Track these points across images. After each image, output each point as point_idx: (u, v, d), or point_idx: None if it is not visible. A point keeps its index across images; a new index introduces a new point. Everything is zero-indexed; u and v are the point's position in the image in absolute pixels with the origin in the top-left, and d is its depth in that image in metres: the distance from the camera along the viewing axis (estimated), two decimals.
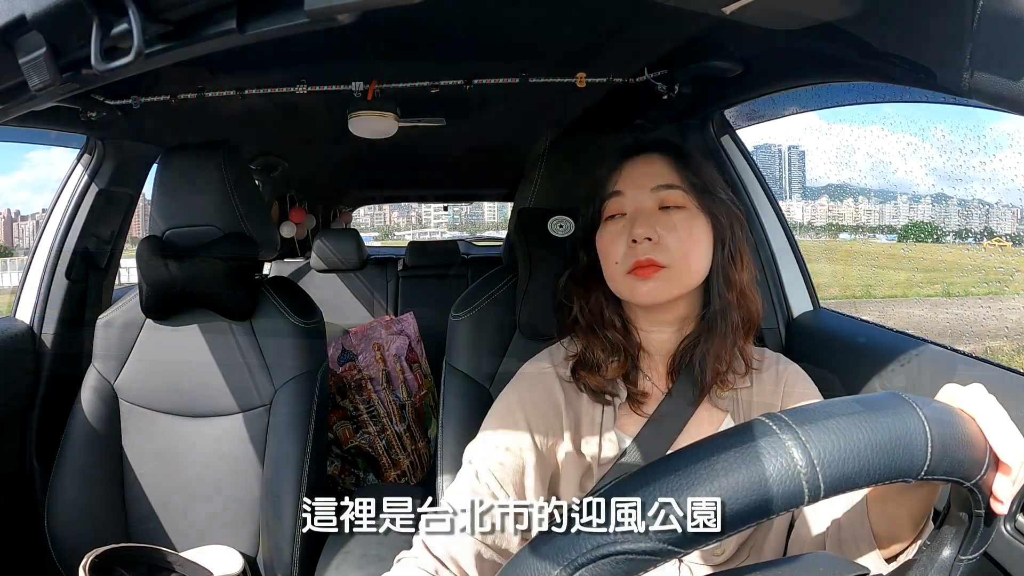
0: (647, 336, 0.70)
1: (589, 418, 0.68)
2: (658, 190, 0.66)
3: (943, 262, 2.89)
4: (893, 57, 0.62)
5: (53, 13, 0.31)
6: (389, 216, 18.69)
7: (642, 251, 0.64)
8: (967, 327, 1.48)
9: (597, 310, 0.70)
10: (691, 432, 0.66)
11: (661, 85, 1.07)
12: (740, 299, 0.67)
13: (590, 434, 0.67)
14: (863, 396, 0.34)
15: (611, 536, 0.29)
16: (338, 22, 0.30)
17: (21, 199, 17.82)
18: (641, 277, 0.64)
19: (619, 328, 0.69)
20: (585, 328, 0.70)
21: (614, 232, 0.67)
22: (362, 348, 1.74)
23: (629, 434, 0.66)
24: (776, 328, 1.17)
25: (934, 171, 2.17)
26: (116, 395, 1.11)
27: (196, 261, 1.04)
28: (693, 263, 0.65)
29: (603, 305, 0.70)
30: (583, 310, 0.71)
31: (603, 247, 0.69)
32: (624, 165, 0.70)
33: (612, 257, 0.67)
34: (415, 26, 0.95)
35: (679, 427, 0.66)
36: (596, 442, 0.66)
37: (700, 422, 0.67)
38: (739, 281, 0.67)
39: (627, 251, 0.65)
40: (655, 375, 0.70)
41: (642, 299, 0.65)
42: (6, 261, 5.82)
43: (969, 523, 0.37)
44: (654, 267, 0.64)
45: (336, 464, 1.65)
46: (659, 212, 0.66)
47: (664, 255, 0.64)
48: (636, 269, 0.64)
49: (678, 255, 0.64)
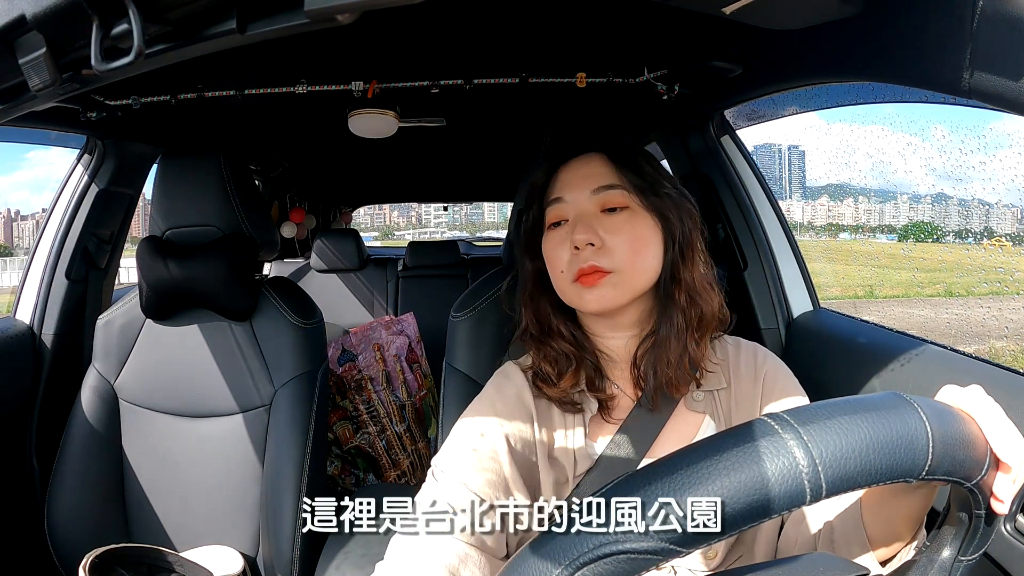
0: (606, 342, 0.67)
1: (561, 428, 0.65)
2: (598, 192, 0.63)
3: (943, 262, 2.89)
4: (893, 57, 0.62)
5: (53, 13, 0.31)
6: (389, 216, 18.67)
7: (584, 257, 0.61)
8: (969, 327, 1.48)
9: (545, 320, 0.67)
10: (669, 437, 0.63)
11: (661, 85, 1.07)
12: (691, 297, 0.64)
13: (562, 444, 0.64)
14: (864, 396, 0.34)
15: (612, 536, 0.29)
16: (338, 22, 0.30)
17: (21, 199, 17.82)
18: (587, 285, 0.61)
19: (567, 337, 0.66)
20: (535, 339, 0.67)
21: (557, 239, 0.64)
22: (362, 348, 1.74)
23: (602, 442, 0.64)
24: (776, 328, 1.17)
25: (934, 171, 2.17)
26: (116, 395, 1.11)
27: (196, 261, 1.04)
28: (640, 265, 0.62)
29: (550, 314, 0.67)
30: (531, 321, 0.68)
31: (548, 255, 0.66)
32: (560, 168, 0.67)
33: (557, 265, 0.64)
34: (415, 26, 0.95)
35: (653, 433, 0.63)
36: (569, 453, 0.63)
37: (677, 426, 0.64)
38: (689, 279, 0.64)
39: (571, 258, 0.62)
40: (622, 382, 0.67)
41: (590, 307, 0.62)
42: (6, 261, 5.82)
43: (969, 523, 0.37)
44: (599, 273, 0.61)
45: (336, 464, 1.65)
46: (601, 215, 0.63)
47: (608, 260, 0.61)
48: (581, 277, 0.61)
49: (624, 259, 0.61)
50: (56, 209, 1.33)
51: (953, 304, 2.40)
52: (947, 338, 0.99)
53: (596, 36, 1.01)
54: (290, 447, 1.04)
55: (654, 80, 1.08)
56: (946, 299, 2.57)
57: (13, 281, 1.90)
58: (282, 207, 2.68)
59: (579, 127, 1.21)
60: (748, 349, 0.69)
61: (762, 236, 1.20)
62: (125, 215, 1.41)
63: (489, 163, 2.39)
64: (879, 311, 2.97)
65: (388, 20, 0.89)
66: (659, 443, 0.63)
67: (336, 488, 1.63)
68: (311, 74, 1.13)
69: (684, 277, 0.64)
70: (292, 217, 2.69)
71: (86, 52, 0.31)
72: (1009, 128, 0.98)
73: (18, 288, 1.32)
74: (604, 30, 0.98)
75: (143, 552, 0.96)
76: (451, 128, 1.48)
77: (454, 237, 4.90)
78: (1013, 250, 2.02)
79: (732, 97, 1.09)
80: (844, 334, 1.05)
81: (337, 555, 0.82)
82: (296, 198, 2.79)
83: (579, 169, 0.66)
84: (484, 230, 11.43)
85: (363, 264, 2.56)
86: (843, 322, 1.11)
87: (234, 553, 1.03)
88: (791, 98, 1.05)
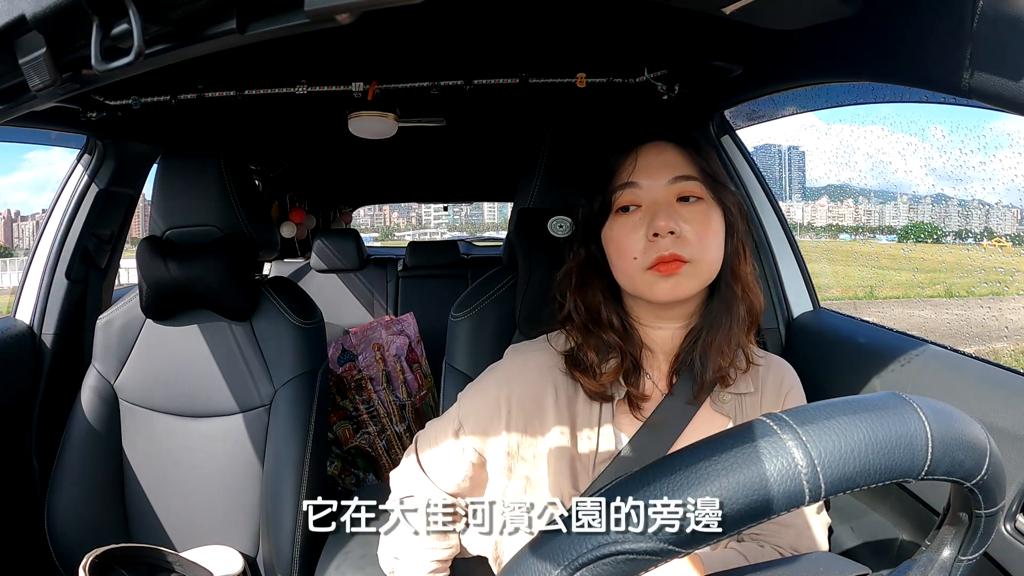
0: (650, 333, 0.67)
1: (585, 415, 0.65)
2: (676, 181, 0.63)
3: (944, 263, 2.89)
4: (893, 57, 0.62)
5: (53, 13, 0.31)
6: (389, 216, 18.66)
7: (665, 245, 0.60)
8: (969, 328, 1.48)
9: (594, 308, 0.66)
10: (690, 437, 0.64)
11: (661, 85, 1.07)
12: (745, 292, 0.65)
13: (587, 428, 0.65)
14: (863, 396, 0.34)
15: (611, 536, 0.29)
16: (338, 22, 0.30)
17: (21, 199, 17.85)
18: (665, 273, 0.60)
19: (617, 328, 0.65)
20: (579, 326, 0.66)
21: (629, 225, 0.63)
22: (362, 348, 1.74)
23: (626, 433, 0.65)
24: (776, 328, 1.17)
25: (934, 171, 2.17)
26: (116, 395, 1.11)
27: (196, 261, 1.04)
28: (712, 256, 0.63)
29: (600, 302, 0.66)
30: (578, 307, 0.67)
31: (617, 241, 0.64)
32: (638, 154, 0.66)
33: (629, 252, 0.63)
34: (415, 26, 0.95)
35: (678, 431, 0.64)
36: (592, 439, 0.64)
37: (701, 427, 0.64)
38: (744, 274, 0.65)
39: (647, 245, 0.61)
40: (656, 374, 0.67)
41: (663, 296, 0.61)
42: (6, 262, 5.83)
43: (969, 523, 0.37)
44: (678, 262, 0.60)
45: (336, 464, 1.65)
46: (677, 204, 0.63)
47: (687, 249, 0.60)
48: (659, 264, 0.60)
49: (699, 249, 0.61)
50: (56, 209, 1.33)
51: (953, 305, 2.41)
52: (947, 338, 0.98)
53: (596, 36, 1.01)
54: (290, 447, 1.04)
55: (654, 80, 1.08)
56: (946, 300, 2.57)
57: (13, 282, 1.90)
58: (282, 207, 2.68)
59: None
60: (778, 364, 0.71)
61: (762, 236, 1.20)
62: (125, 215, 1.42)
63: (489, 163, 2.39)
64: (879, 312, 2.97)
65: (388, 20, 0.89)
66: (682, 441, 0.64)
67: (336, 488, 1.63)
68: (311, 75, 1.13)
69: (741, 271, 0.65)
70: (292, 217, 2.68)
71: (86, 52, 0.31)
72: (1009, 128, 0.98)
73: (18, 288, 1.32)
74: (604, 30, 0.98)
75: (143, 552, 0.96)
76: (451, 128, 1.48)
77: (454, 237, 4.90)
78: (1013, 251, 2.02)
79: (732, 97, 1.09)
80: (844, 334, 1.05)
81: (337, 555, 0.82)
82: (296, 198, 2.79)
83: (656, 157, 0.65)
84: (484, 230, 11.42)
85: (363, 264, 2.56)
86: (843, 322, 1.11)
87: (234, 553, 1.03)
88: (791, 98, 1.05)
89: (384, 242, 9.33)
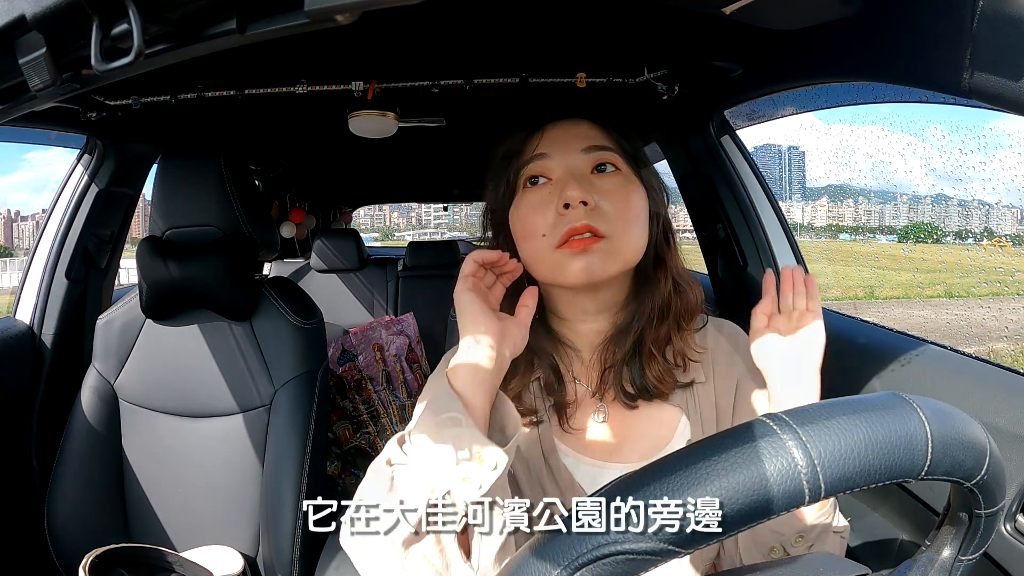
0: (574, 327, 0.60)
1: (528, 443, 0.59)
2: (591, 151, 0.57)
3: (943, 263, 2.89)
4: (893, 57, 0.62)
5: (53, 13, 0.31)
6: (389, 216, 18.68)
7: (576, 216, 0.53)
8: (969, 328, 1.48)
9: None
10: (644, 433, 0.58)
11: (661, 85, 1.07)
12: (677, 285, 0.59)
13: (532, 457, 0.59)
14: (863, 396, 0.34)
15: (611, 536, 0.29)
16: (338, 22, 0.30)
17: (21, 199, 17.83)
18: (576, 250, 0.53)
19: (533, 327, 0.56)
20: None
21: (537, 200, 0.56)
22: (362, 348, 1.74)
23: (569, 451, 0.59)
24: None
25: (934, 171, 2.17)
26: (116, 395, 1.11)
27: (196, 261, 1.04)
28: (633, 235, 0.56)
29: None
30: None
31: (523, 219, 0.57)
32: (547, 128, 0.59)
33: (536, 230, 0.55)
34: (415, 26, 0.95)
35: (623, 435, 0.58)
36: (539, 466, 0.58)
37: (649, 426, 0.59)
38: (673, 265, 0.60)
39: (556, 219, 0.54)
40: (585, 377, 0.61)
41: (576, 277, 0.54)
42: (6, 262, 5.82)
43: (969, 523, 0.37)
44: (593, 237, 0.53)
45: (336, 464, 1.65)
46: (592, 176, 0.57)
47: (602, 223, 0.54)
48: (570, 240, 0.53)
49: (618, 224, 0.54)
50: (56, 209, 1.33)
51: (953, 305, 2.41)
52: (947, 339, 0.98)
53: (596, 36, 1.00)
54: (290, 447, 1.04)
55: (654, 80, 1.08)
56: (946, 300, 2.57)
57: (13, 282, 1.90)
58: (282, 207, 2.68)
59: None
60: (724, 340, 0.63)
61: (762, 236, 1.20)
62: (125, 215, 1.42)
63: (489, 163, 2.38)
64: (879, 312, 2.97)
65: (388, 20, 0.89)
66: (630, 443, 0.59)
67: (336, 488, 1.63)
68: (311, 74, 1.13)
69: (669, 261, 0.60)
70: (292, 217, 2.69)
71: (86, 52, 0.31)
72: (1009, 128, 0.98)
73: (18, 288, 1.32)
74: (604, 30, 0.98)
75: (143, 552, 0.96)
76: (451, 128, 1.48)
77: (454, 237, 4.90)
78: (1013, 251, 2.02)
79: (732, 97, 1.09)
80: (844, 334, 1.05)
81: (337, 555, 0.82)
82: (296, 198, 2.79)
83: (568, 129, 0.59)
84: None
85: (363, 264, 2.56)
86: (843, 322, 1.11)
87: (234, 553, 1.03)
88: (791, 98, 1.05)
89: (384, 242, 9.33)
